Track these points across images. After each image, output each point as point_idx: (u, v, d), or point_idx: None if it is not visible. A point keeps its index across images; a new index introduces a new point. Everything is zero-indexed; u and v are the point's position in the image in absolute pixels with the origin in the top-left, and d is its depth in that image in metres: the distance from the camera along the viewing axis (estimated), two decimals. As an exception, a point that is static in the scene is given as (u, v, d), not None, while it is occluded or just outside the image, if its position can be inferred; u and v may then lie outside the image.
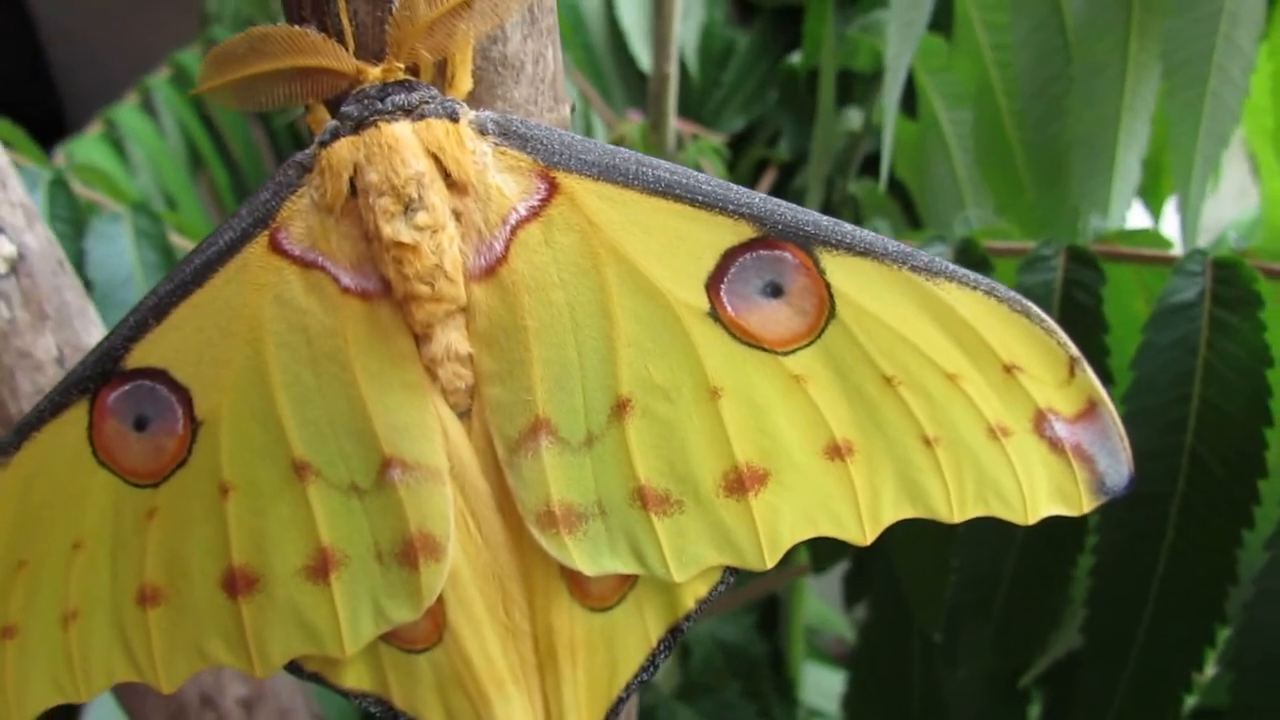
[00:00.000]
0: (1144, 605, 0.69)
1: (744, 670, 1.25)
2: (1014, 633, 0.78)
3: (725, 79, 1.30)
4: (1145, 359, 0.66)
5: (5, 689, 0.46)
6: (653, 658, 0.47)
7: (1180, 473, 0.66)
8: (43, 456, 0.44)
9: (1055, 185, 0.85)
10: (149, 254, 0.99)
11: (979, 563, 0.78)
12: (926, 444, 0.45)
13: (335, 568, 0.44)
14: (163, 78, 1.30)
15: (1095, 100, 0.77)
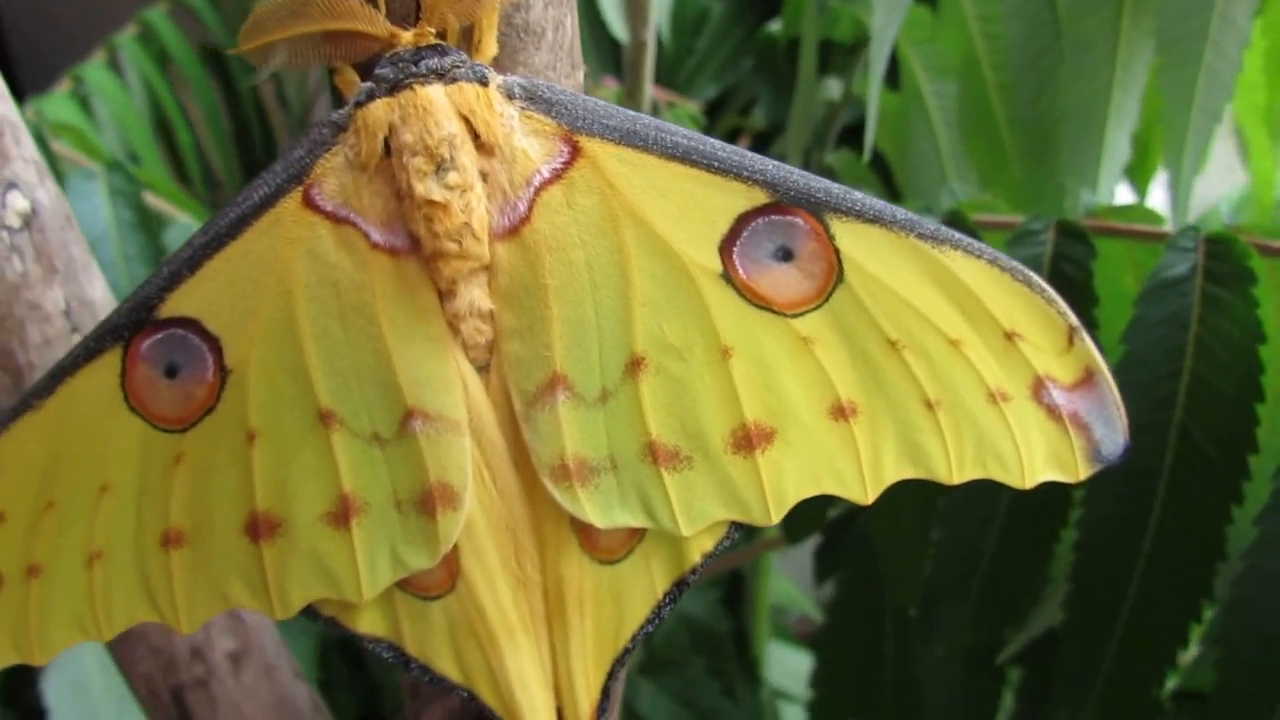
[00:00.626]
0: (1129, 581, 0.69)
1: (708, 647, 1.25)
2: (994, 608, 0.79)
3: (698, 46, 1.30)
4: (1136, 333, 0.66)
5: (28, 627, 0.47)
6: (658, 610, 0.48)
7: (1169, 448, 0.66)
8: (75, 401, 0.45)
9: (1042, 160, 0.85)
10: (124, 212, 0.98)
11: (961, 537, 0.78)
12: (928, 407, 0.46)
13: (356, 514, 0.45)
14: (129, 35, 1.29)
15: (1085, 75, 0.77)
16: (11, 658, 0.47)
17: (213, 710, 0.66)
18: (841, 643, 1.04)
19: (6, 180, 0.57)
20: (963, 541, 0.78)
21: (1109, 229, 0.69)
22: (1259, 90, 0.93)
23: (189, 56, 1.31)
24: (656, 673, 1.23)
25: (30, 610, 0.47)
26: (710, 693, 1.22)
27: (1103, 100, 0.78)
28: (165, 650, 0.65)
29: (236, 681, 0.67)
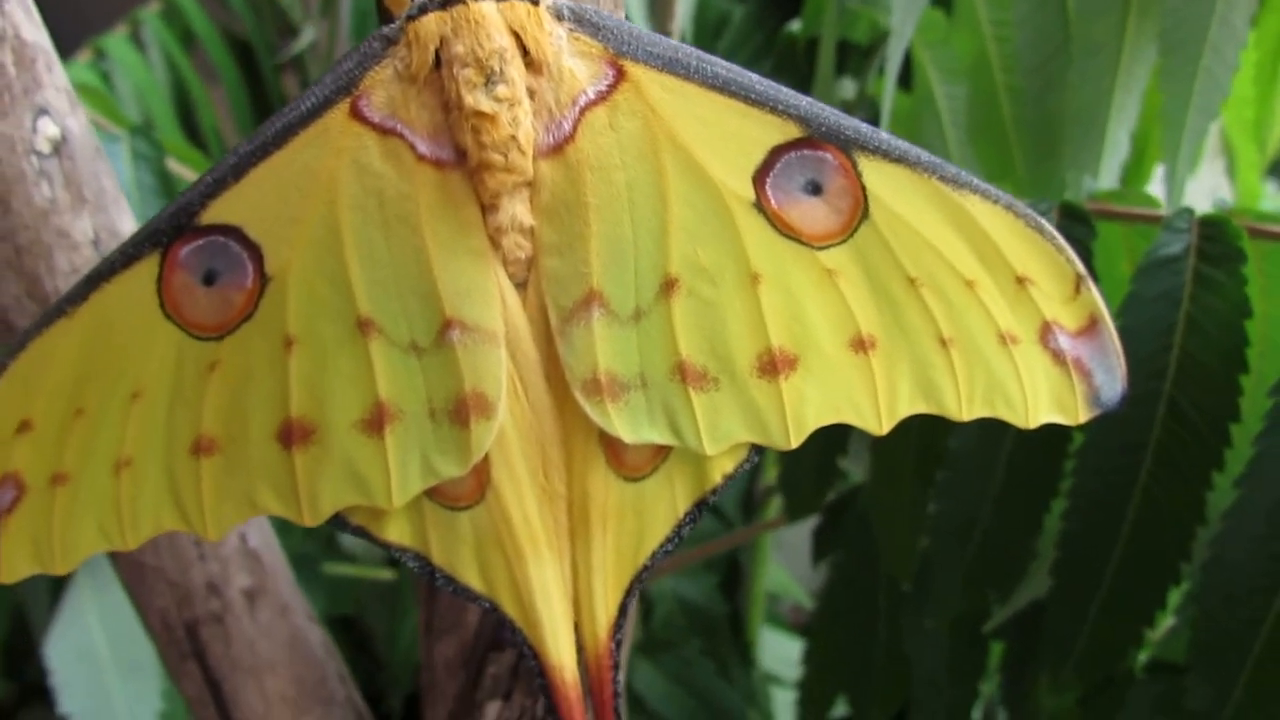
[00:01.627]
0: (1114, 546, 0.72)
1: (704, 629, 1.27)
2: (985, 577, 0.81)
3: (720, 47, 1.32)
4: (1130, 310, 0.68)
5: (51, 536, 0.47)
6: (678, 529, 0.50)
7: (1157, 419, 0.69)
8: (109, 307, 0.46)
9: (1046, 160, 0.88)
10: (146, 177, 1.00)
11: (957, 508, 0.80)
12: (942, 344, 0.48)
13: (390, 422, 0.46)
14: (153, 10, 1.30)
15: (1092, 76, 0.80)
16: (33, 567, 0.48)
17: (227, 646, 0.68)
18: (834, 622, 1.06)
19: (38, 106, 0.58)
20: (959, 514, 0.81)
21: (1109, 212, 0.72)
22: (1248, 105, 0.95)
23: (213, 36, 1.32)
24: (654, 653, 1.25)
25: (54, 518, 0.47)
26: (705, 673, 1.24)
27: (1106, 100, 0.80)
28: (181, 585, 0.66)
29: (251, 619, 0.68)
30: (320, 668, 0.71)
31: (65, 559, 0.48)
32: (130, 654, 1.14)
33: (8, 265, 0.59)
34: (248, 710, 0.68)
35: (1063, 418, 0.49)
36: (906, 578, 0.92)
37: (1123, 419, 0.69)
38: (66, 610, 1.14)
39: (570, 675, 0.50)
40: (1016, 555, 0.80)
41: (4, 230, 0.59)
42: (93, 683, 1.12)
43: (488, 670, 0.60)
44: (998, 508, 0.79)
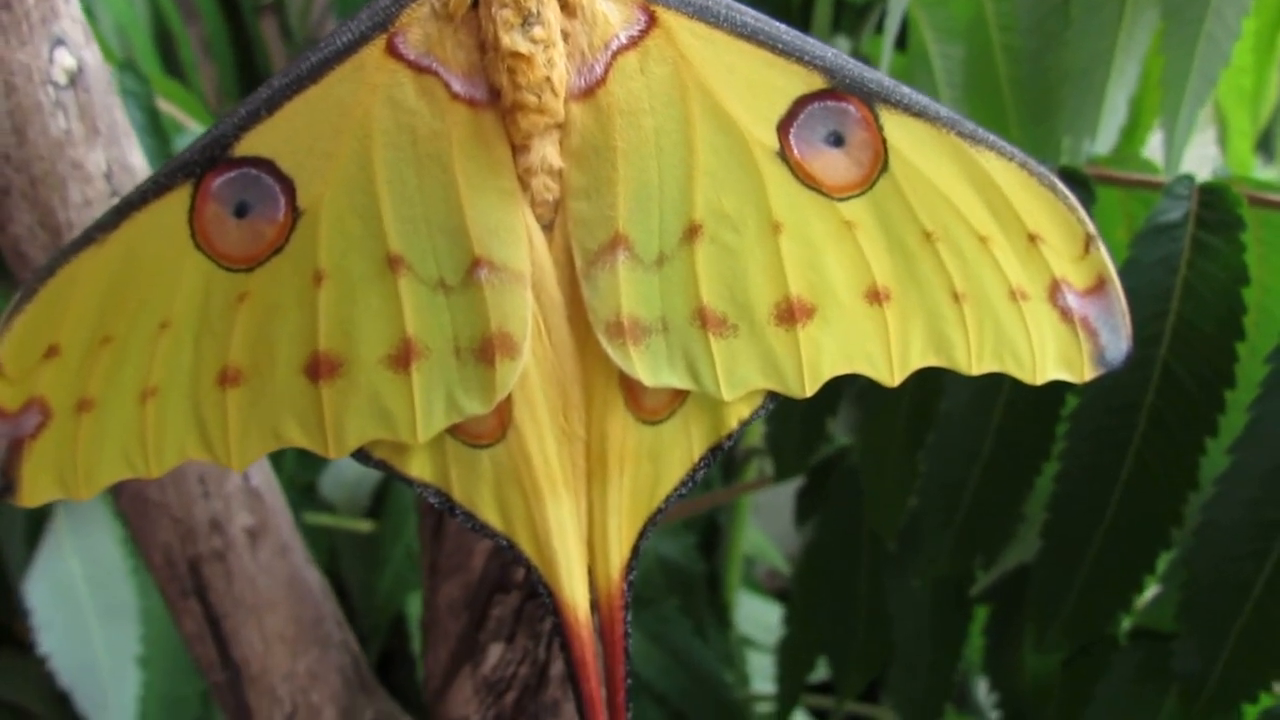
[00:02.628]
0: (1105, 510, 0.73)
1: (682, 588, 1.28)
2: (975, 537, 0.82)
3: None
4: (1128, 275, 0.69)
5: (75, 462, 0.47)
6: (692, 473, 0.51)
7: (1151, 384, 0.70)
8: (139, 236, 0.46)
9: (1043, 122, 0.88)
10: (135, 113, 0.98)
11: (947, 469, 0.81)
12: (955, 299, 0.49)
13: (416, 358, 0.47)
14: (135, -55, 1.28)
15: (1092, 35, 0.80)
16: (55, 492, 0.48)
17: (228, 583, 0.68)
18: (817, 582, 1.07)
19: (55, 36, 0.58)
20: (949, 475, 0.82)
21: (1108, 177, 0.73)
22: (1246, 73, 0.96)
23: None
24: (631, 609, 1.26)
25: (78, 445, 0.47)
26: (682, 631, 1.25)
27: (1105, 61, 0.81)
28: (185, 521, 0.67)
29: (253, 557, 0.69)
30: (318, 609, 0.71)
31: (88, 485, 0.48)
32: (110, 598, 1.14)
33: (22, 196, 0.59)
34: (246, 648, 0.69)
35: (1069, 375, 0.50)
36: (891, 537, 0.93)
37: (1117, 383, 0.71)
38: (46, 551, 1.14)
39: (583, 614, 0.50)
40: (1006, 517, 0.81)
41: (19, 160, 0.59)
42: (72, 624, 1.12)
43: (492, 612, 0.60)
44: (988, 470, 0.80)
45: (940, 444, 0.82)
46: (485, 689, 0.63)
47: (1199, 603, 0.69)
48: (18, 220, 0.59)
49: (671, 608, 1.26)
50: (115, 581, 1.15)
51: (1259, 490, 0.66)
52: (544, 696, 0.62)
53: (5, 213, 0.59)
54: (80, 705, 1.11)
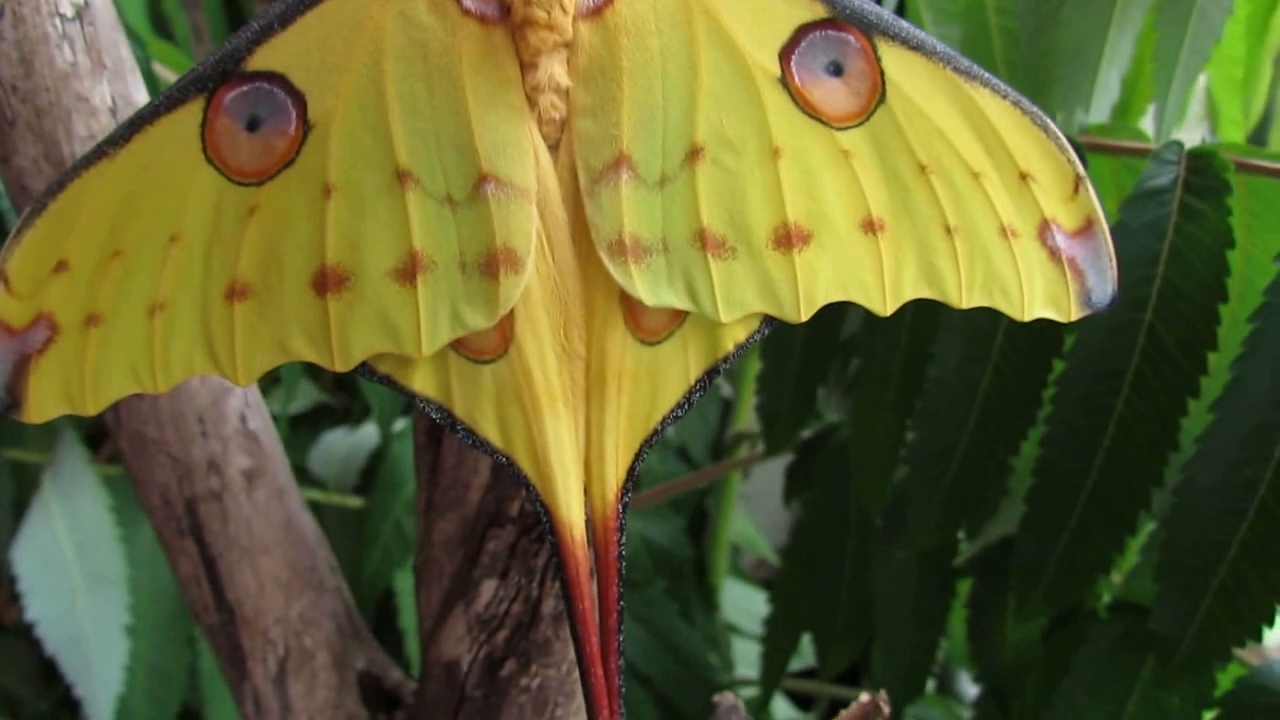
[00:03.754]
0: (1088, 473, 0.74)
1: (668, 571, 1.29)
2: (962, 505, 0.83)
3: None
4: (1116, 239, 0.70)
5: (83, 377, 0.48)
6: (688, 396, 0.51)
7: (1136, 348, 0.71)
8: (151, 150, 0.47)
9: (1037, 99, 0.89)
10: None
11: (935, 436, 0.82)
12: (947, 232, 0.50)
13: (422, 272, 0.47)
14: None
15: (1085, 12, 0.82)
16: (62, 407, 0.48)
17: (224, 523, 0.69)
18: (803, 558, 1.08)
19: None
20: (937, 442, 0.83)
21: (1099, 145, 0.75)
22: (1237, 64, 0.98)
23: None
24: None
25: (86, 360, 0.48)
26: (668, 614, 1.26)
27: (1099, 37, 0.82)
28: (183, 461, 0.68)
29: (249, 499, 0.69)
30: (312, 555, 0.72)
31: (95, 400, 0.49)
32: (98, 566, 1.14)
33: (27, 127, 0.60)
34: (241, 590, 0.69)
35: (1055, 314, 0.51)
36: (878, 511, 0.94)
37: (1103, 347, 0.72)
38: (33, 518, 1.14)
39: (579, 534, 0.51)
40: (992, 483, 0.82)
41: (25, 92, 0.59)
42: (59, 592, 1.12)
43: (486, 547, 0.61)
44: (975, 436, 0.81)
45: (928, 411, 0.83)
46: (478, 626, 0.63)
47: (1177, 562, 0.70)
48: (22, 152, 0.60)
49: (658, 591, 1.27)
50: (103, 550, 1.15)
51: (1238, 449, 0.67)
52: (535, 635, 0.63)
53: (10, 144, 0.60)
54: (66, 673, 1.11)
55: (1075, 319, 0.51)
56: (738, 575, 1.49)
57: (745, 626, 1.42)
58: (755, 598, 1.43)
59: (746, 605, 1.44)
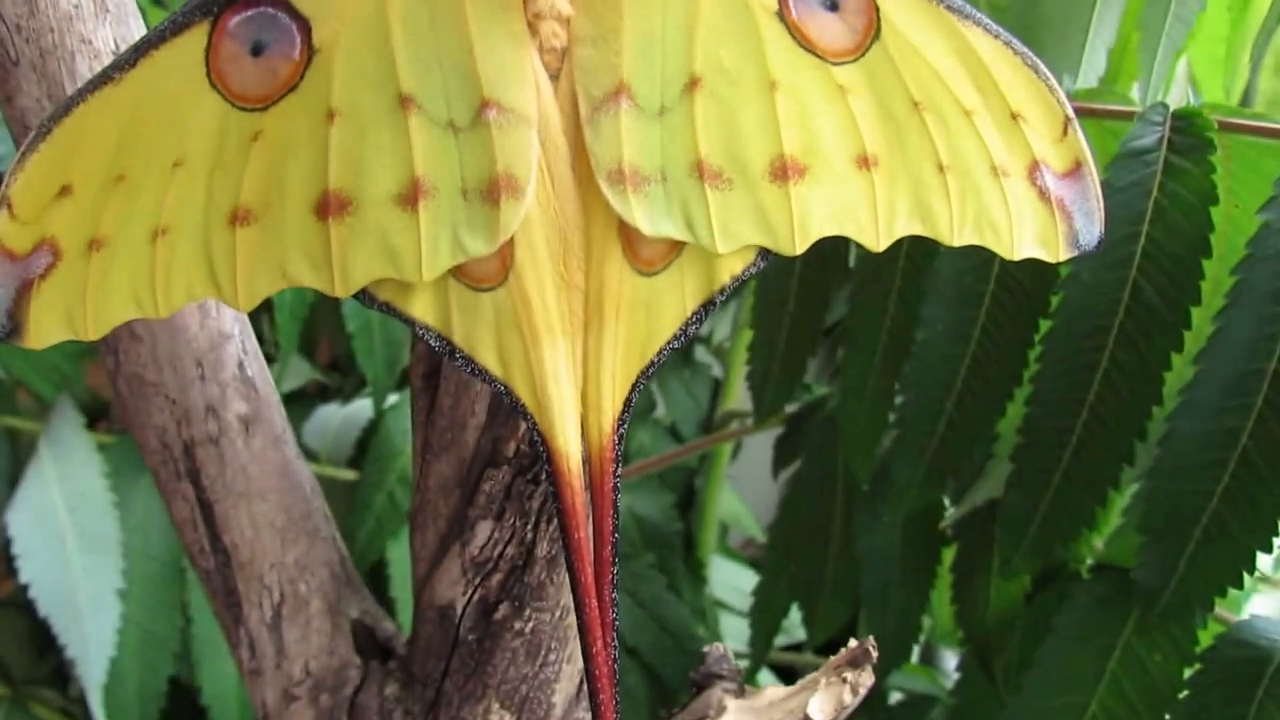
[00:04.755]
0: (1073, 430, 0.76)
1: (657, 545, 1.30)
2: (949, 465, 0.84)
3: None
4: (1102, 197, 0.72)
5: (85, 301, 0.49)
6: (685, 327, 0.52)
7: (1121, 305, 0.72)
8: (156, 75, 0.47)
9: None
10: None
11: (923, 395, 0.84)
12: (939, 169, 0.51)
13: (424, 197, 0.48)
14: None
15: (1075, -17, 0.83)
16: (64, 333, 0.49)
17: (221, 468, 0.70)
18: (792, 528, 1.10)
19: None
20: (924, 403, 0.84)
21: (1086, 110, 0.76)
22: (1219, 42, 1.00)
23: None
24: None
25: (88, 284, 0.49)
26: (656, 586, 1.27)
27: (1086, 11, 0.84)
28: (181, 404, 0.68)
29: (245, 444, 0.70)
30: (308, 503, 0.73)
31: (97, 325, 0.49)
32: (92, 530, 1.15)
33: (31, 67, 0.60)
34: (237, 534, 0.70)
35: (1044, 253, 0.52)
36: (866, 476, 0.95)
37: (1089, 305, 0.74)
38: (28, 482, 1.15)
39: (575, 464, 0.52)
40: (979, 443, 0.84)
41: (30, 31, 0.60)
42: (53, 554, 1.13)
43: (482, 487, 0.62)
44: (962, 397, 0.82)
45: (916, 373, 0.84)
46: (473, 569, 0.64)
47: (1160, 512, 0.72)
48: (26, 92, 0.61)
49: (646, 564, 1.28)
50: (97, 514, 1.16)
51: (1221, 399, 0.68)
52: (529, 578, 0.64)
53: (14, 84, 0.61)
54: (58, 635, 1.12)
55: (1064, 259, 0.52)
56: (726, 553, 1.50)
57: (733, 603, 1.43)
58: (743, 575, 1.44)
59: (734, 582, 1.45)
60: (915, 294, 0.85)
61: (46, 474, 1.15)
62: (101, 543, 1.13)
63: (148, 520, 1.18)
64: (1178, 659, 0.82)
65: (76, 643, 1.12)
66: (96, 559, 1.13)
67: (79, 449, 1.17)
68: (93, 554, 1.13)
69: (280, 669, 0.73)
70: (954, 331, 0.82)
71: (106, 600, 1.13)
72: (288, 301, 1.10)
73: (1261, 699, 0.77)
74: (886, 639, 1.03)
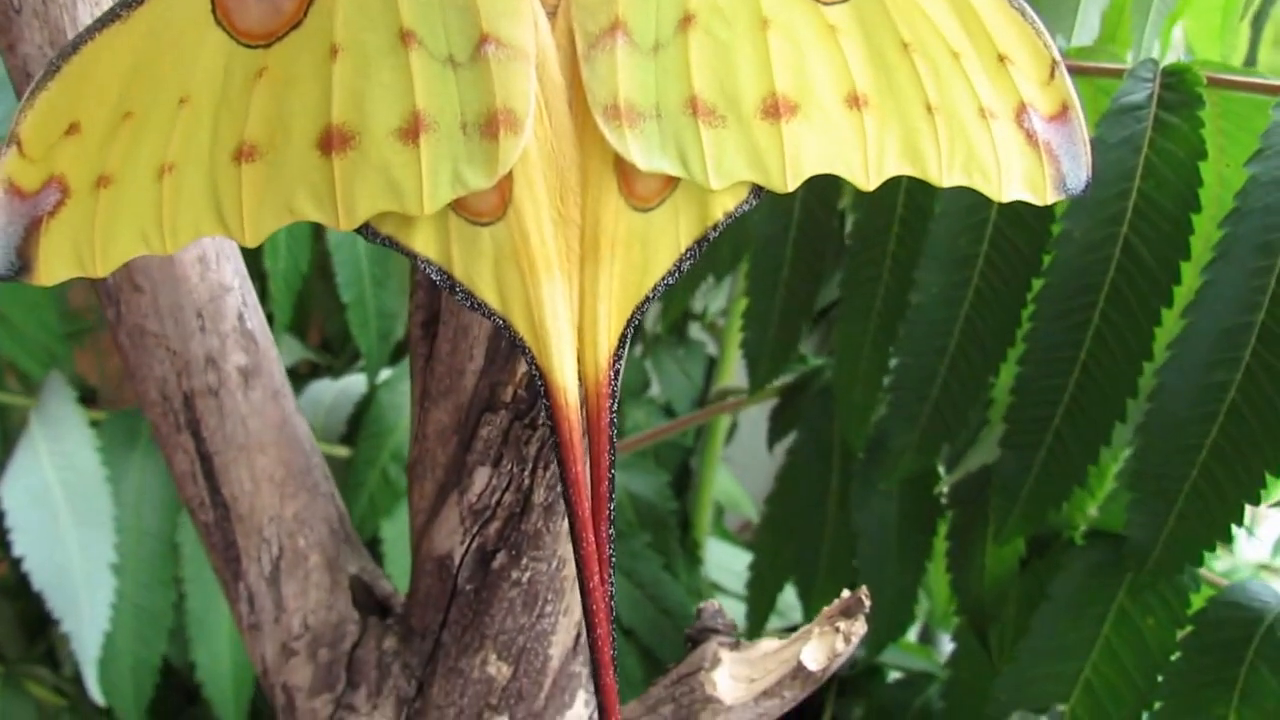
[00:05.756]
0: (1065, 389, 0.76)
1: (653, 524, 1.31)
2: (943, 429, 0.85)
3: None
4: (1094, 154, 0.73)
5: (93, 239, 0.49)
6: (679, 263, 0.53)
7: (1112, 261, 0.73)
8: (163, 13, 0.48)
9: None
10: None
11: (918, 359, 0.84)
12: (929, 110, 0.51)
13: (425, 131, 0.49)
14: None
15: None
16: (72, 270, 0.50)
17: (220, 419, 0.70)
18: (787, 504, 1.10)
19: None
20: (919, 366, 0.85)
21: (1078, 68, 0.77)
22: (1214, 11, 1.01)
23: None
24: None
25: (96, 221, 0.49)
26: (652, 566, 1.27)
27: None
28: (182, 355, 0.69)
29: (245, 397, 0.70)
30: (307, 458, 0.73)
31: (105, 262, 0.50)
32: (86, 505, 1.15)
33: (34, 14, 0.61)
34: (236, 487, 0.70)
35: (1032, 196, 0.53)
36: (861, 444, 0.96)
37: (1080, 264, 0.75)
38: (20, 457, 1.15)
39: (572, 398, 0.52)
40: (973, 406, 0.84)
41: (34, -21, 0.60)
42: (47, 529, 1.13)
43: (480, 433, 0.62)
44: (956, 359, 0.83)
45: (910, 336, 0.85)
46: (470, 517, 0.65)
47: (1150, 467, 0.72)
48: (28, 39, 0.61)
49: (641, 543, 1.28)
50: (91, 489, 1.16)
51: (1209, 352, 0.69)
52: (526, 525, 0.64)
53: (16, 31, 0.61)
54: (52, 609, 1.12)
55: (1051, 201, 0.53)
56: (723, 535, 1.51)
57: (728, 585, 1.44)
58: (739, 556, 1.44)
59: (730, 564, 1.46)
60: (909, 259, 0.86)
61: (39, 448, 1.15)
62: (94, 518, 1.14)
63: (141, 497, 1.18)
64: (1170, 622, 0.83)
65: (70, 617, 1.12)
66: (90, 534, 1.13)
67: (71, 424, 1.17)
68: (86, 529, 1.13)
69: (279, 623, 0.73)
70: (948, 294, 0.82)
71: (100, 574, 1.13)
72: (282, 270, 1.11)
73: (1252, 659, 0.78)
74: (883, 613, 1.04)
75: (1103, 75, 0.77)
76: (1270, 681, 0.75)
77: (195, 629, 1.18)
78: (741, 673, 0.72)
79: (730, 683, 0.71)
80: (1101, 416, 0.75)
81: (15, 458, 1.14)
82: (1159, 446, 0.72)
